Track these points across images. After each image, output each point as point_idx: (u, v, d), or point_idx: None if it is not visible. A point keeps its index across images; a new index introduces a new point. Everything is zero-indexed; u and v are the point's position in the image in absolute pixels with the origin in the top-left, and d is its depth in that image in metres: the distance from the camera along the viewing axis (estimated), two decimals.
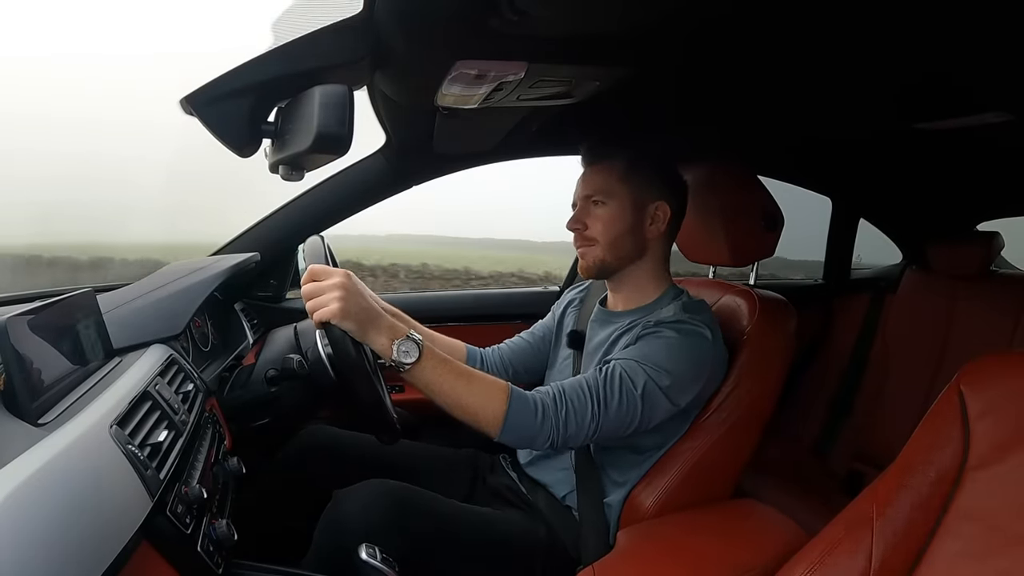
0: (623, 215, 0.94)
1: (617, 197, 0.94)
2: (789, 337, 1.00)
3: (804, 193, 1.77)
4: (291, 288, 1.53)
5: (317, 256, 0.83)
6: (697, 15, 0.66)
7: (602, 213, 0.95)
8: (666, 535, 0.89)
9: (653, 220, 0.96)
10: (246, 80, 0.59)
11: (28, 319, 0.61)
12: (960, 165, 1.47)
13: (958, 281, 1.69)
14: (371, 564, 0.75)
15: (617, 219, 0.94)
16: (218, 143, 0.60)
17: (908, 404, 1.62)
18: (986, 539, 0.57)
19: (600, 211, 0.95)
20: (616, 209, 0.94)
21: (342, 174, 1.33)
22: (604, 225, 0.95)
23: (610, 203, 0.94)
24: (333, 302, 0.73)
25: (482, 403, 0.78)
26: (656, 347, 0.86)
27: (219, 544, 0.71)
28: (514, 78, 0.76)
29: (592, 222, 0.95)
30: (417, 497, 0.88)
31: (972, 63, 0.79)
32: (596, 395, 0.82)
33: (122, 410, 0.64)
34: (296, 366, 1.05)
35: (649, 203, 0.95)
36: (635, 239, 0.96)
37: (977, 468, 0.59)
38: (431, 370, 0.77)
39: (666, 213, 0.96)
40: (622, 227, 0.95)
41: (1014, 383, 0.60)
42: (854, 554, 0.63)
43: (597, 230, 0.95)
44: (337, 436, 1.08)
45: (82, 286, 0.79)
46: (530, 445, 0.82)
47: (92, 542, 0.48)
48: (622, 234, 0.95)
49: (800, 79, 0.90)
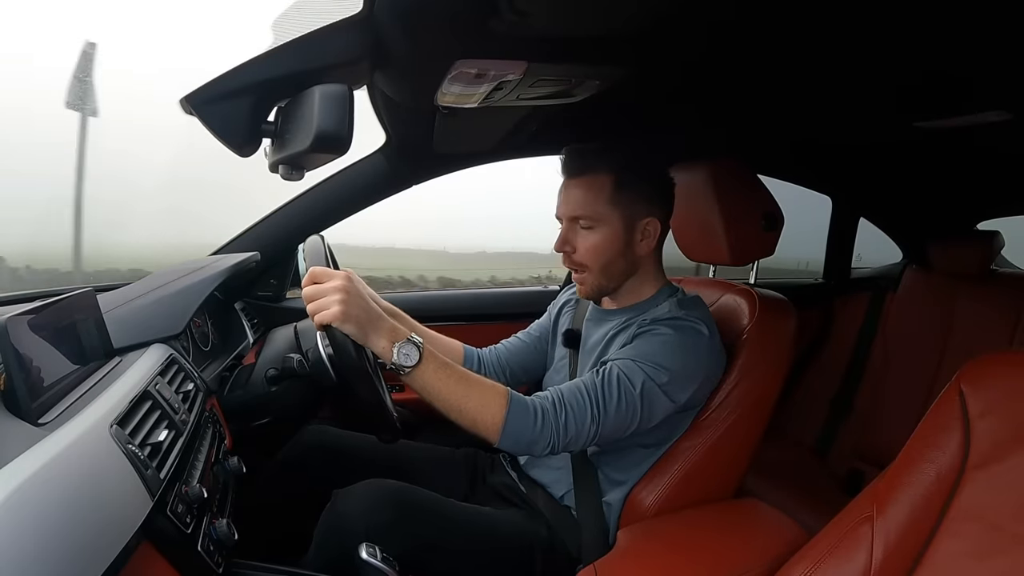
0: (614, 239, 0.91)
1: (606, 221, 0.90)
2: (789, 336, 1.00)
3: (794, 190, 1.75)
4: (291, 288, 1.53)
5: (317, 255, 0.83)
6: (697, 16, 0.65)
7: (591, 238, 0.91)
8: (666, 534, 0.89)
9: (644, 236, 0.93)
10: (246, 80, 0.59)
11: (28, 319, 0.61)
12: (960, 164, 1.47)
13: (958, 280, 1.69)
14: (371, 564, 0.75)
15: (608, 244, 0.91)
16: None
17: (908, 403, 1.62)
18: (987, 538, 0.57)
19: (589, 236, 0.91)
20: (607, 234, 0.90)
21: (342, 174, 1.33)
22: (594, 252, 0.91)
23: (599, 228, 0.90)
24: (334, 305, 0.72)
25: (481, 408, 0.78)
26: (653, 345, 0.86)
27: (219, 544, 0.71)
28: (514, 77, 0.76)
29: (581, 245, 0.92)
30: (417, 497, 0.88)
31: (972, 62, 0.79)
32: (595, 398, 0.82)
33: (122, 410, 0.64)
34: (296, 366, 1.05)
35: (639, 220, 0.92)
36: (627, 259, 0.93)
37: (978, 467, 0.59)
38: (431, 374, 0.77)
39: (656, 228, 0.93)
40: (614, 252, 0.92)
41: (1014, 382, 0.60)
42: (854, 553, 0.63)
43: (587, 256, 0.92)
44: (337, 436, 1.08)
45: (82, 286, 0.79)
46: (530, 451, 0.82)
47: (92, 542, 0.48)
48: (614, 258, 0.92)
49: (800, 78, 0.90)
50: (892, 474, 0.65)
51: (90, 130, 1.73)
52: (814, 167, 1.69)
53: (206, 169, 1.89)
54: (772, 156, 1.58)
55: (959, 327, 1.67)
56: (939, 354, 1.68)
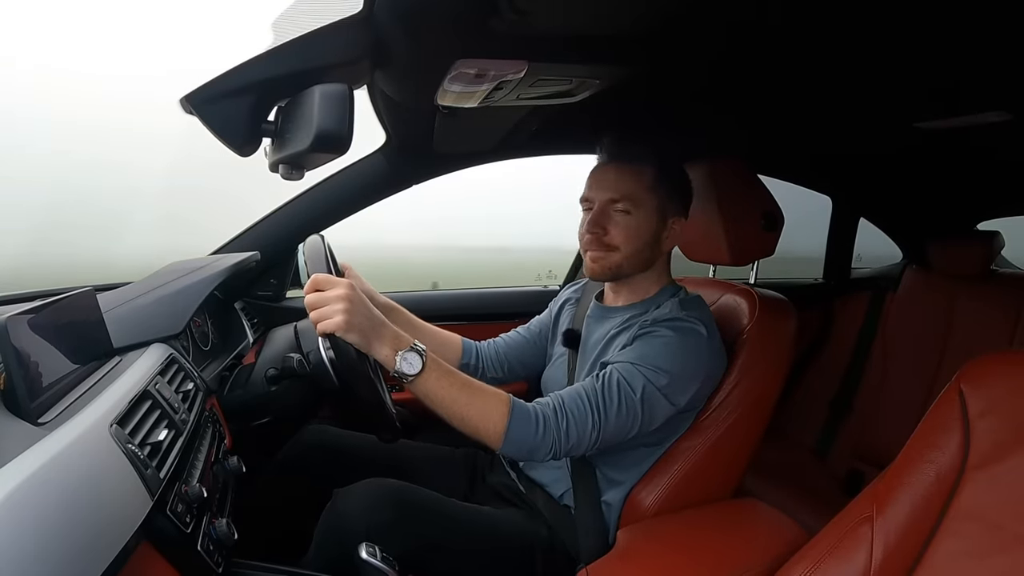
0: (649, 226, 0.92)
1: (644, 207, 0.91)
2: (789, 336, 1.00)
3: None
4: (291, 287, 1.53)
5: (317, 255, 0.83)
6: (696, 16, 0.65)
7: (627, 222, 0.91)
8: (666, 534, 0.89)
9: (670, 234, 0.95)
10: (246, 79, 0.59)
11: (28, 318, 0.61)
12: (960, 164, 1.47)
13: (958, 280, 1.69)
14: (371, 563, 0.75)
15: (643, 230, 0.92)
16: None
17: (908, 403, 1.62)
18: (987, 538, 0.57)
19: (625, 220, 0.91)
20: (643, 220, 0.91)
21: (342, 173, 1.33)
22: (628, 235, 0.91)
23: (636, 213, 0.91)
24: (337, 314, 0.72)
25: (483, 416, 0.78)
26: (653, 347, 0.86)
27: (219, 543, 0.71)
28: (514, 77, 0.76)
29: (614, 229, 0.92)
30: (417, 496, 0.88)
31: (972, 63, 0.79)
32: (596, 403, 0.82)
33: (122, 409, 0.64)
34: (296, 365, 1.05)
35: (671, 216, 0.94)
36: (652, 251, 0.94)
37: (978, 467, 0.59)
38: (434, 382, 0.77)
39: (681, 228, 0.96)
40: (646, 239, 0.92)
41: (1014, 382, 0.60)
42: (854, 553, 0.63)
43: (619, 238, 0.92)
44: (337, 435, 1.08)
45: (82, 285, 0.79)
46: (531, 457, 0.82)
47: (92, 541, 0.48)
48: (645, 245, 0.93)
49: (801, 79, 0.90)
50: (892, 474, 0.65)
51: (89, 136, 1.72)
52: (814, 167, 1.69)
53: (204, 177, 1.87)
54: (773, 156, 1.59)
55: (959, 327, 1.67)
56: (939, 354, 1.68)
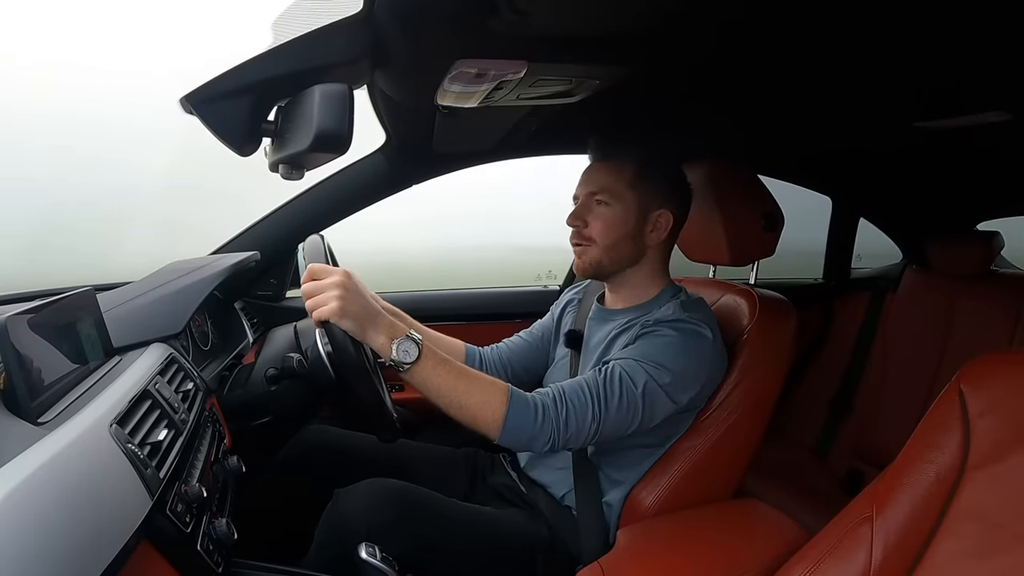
0: (626, 219, 0.93)
1: (622, 201, 0.93)
2: (789, 336, 1.00)
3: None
4: (291, 287, 1.53)
5: (317, 255, 0.83)
6: (696, 14, 0.65)
7: (605, 214, 0.93)
8: (666, 534, 0.89)
9: (654, 227, 0.95)
10: (246, 79, 0.59)
11: (28, 318, 0.61)
12: (960, 164, 1.47)
13: (958, 280, 1.69)
14: (371, 563, 0.75)
15: (619, 223, 0.93)
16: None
17: (908, 403, 1.62)
18: (987, 538, 0.57)
19: (603, 211, 0.94)
20: (620, 212, 0.93)
21: (342, 173, 1.33)
22: (605, 227, 0.93)
23: (614, 205, 0.93)
24: (332, 300, 0.73)
25: (481, 404, 0.78)
26: (656, 346, 0.86)
27: (219, 543, 0.71)
28: (514, 77, 0.76)
29: (593, 221, 0.94)
30: (417, 496, 0.88)
31: (972, 63, 0.79)
32: (596, 395, 0.82)
33: (122, 409, 0.64)
34: (296, 365, 1.05)
35: (653, 210, 0.94)
36: (634, 245, 0.95)
37: (978, 467, 0.59)
38: (430, 370, 0.77)
39: (668, 221, 0.95)
40: (623, 231, 0.94)
41: (1014, 382, 0.60)
42: (854, 553, 0.63)
43: (596, 230, 0.94)
44: (338, 435, 1.08)
45: (82, 285, 0.79)
46: (530, 447, 0.82)
47: (92, 541, 0.48)
48: (621, 239, 0.94)
49: (800, 77, 0.90)
50: (892, 474, 0.65)
51: (88, 136, 1.72)
52: (814, 167, 1.69)
53: (204, 177, 1.86)
54: (772, 156, 1.59)
55: (959, 327, 1.67)
56: (939, 354, 1.68)
